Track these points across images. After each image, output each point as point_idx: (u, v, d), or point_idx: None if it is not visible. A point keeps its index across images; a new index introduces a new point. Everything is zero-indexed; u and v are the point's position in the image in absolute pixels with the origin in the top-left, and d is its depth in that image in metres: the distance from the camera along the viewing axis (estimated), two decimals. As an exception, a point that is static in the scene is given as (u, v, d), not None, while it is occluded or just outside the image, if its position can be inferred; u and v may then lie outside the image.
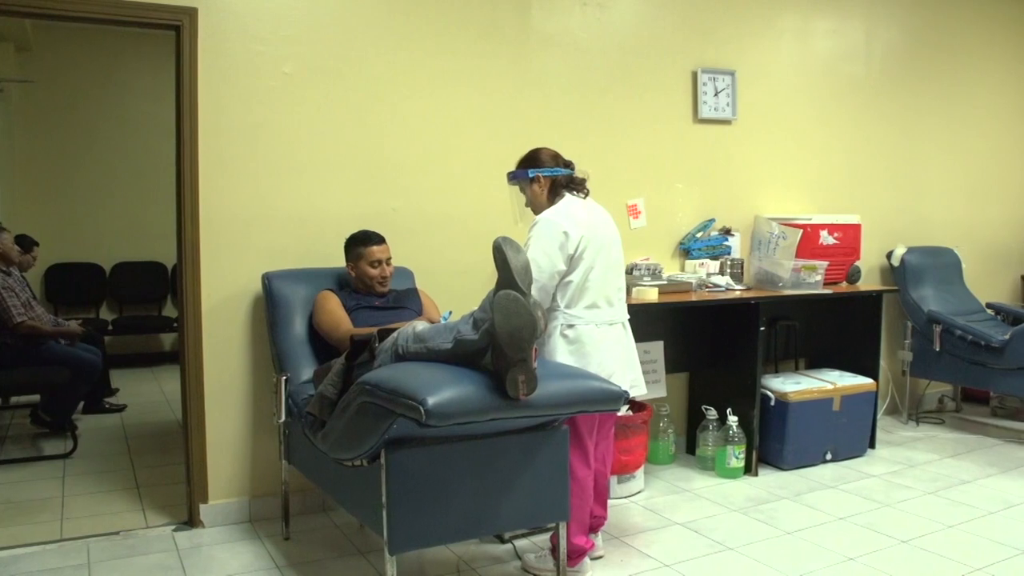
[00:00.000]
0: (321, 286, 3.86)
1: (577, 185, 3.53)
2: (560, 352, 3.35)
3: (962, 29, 6.48)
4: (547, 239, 3.31)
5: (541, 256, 3.28)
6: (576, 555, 3.40)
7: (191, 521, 3.99)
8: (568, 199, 3.46)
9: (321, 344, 3.74)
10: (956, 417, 6.22)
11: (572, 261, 3.34)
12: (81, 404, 6.04)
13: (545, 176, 3.48)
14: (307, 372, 3.67)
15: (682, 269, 5.13)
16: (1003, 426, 5.95)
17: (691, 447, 5.13)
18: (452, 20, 4.39)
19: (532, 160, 3.53)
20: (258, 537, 3.87)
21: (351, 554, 3.70)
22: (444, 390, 2.51)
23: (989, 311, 6.13)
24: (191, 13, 3.79)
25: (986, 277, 6.79)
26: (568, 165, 3.53)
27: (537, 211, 3.49)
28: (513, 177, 3.58)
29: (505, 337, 2.55)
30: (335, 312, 3.67)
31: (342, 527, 4.00)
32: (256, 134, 3.97)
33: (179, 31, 3.80)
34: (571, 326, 3.38)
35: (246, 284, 3.98)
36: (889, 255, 6.06)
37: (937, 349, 5.73)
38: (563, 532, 3.17)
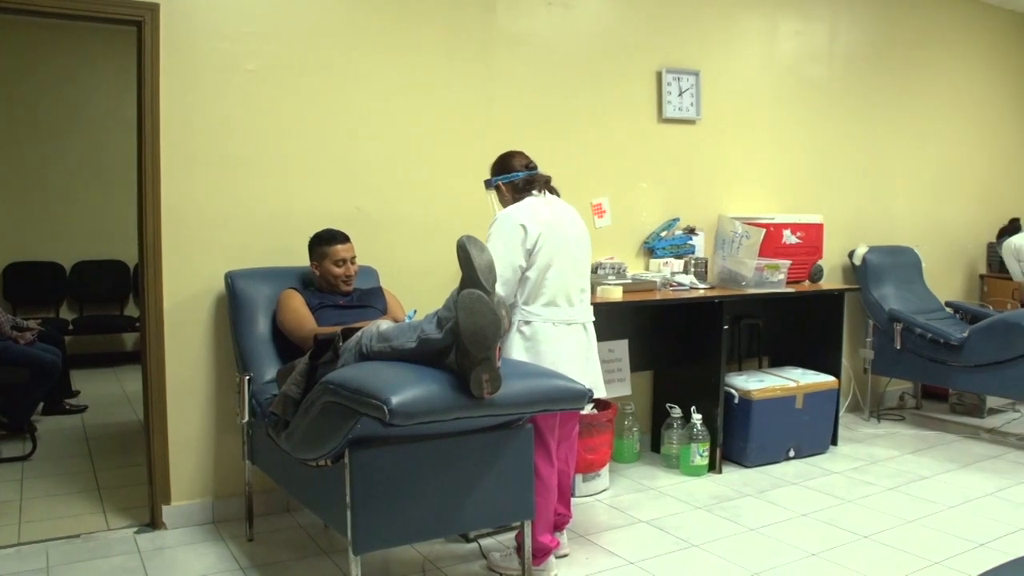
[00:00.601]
0: (285, 285, 3.83)
1: (539, 184, 3.54)
2: (515, 348, 3.36)
3: (923, 32, 6.57)
4: (505, 233, 3.34)
5: (501, 249, 3.30)
6: (541, 554, 3.40)
7: (153, 523, 3.95)
8: (531, 198, 3.49)
9: (285, 343, 3.71)
10: (916, 414, 6.31)
11: (530, 257, 3.35)
12: (41, 405, 5.95)
13: (505, 183, 3.56)
14: (270, 372, 3.65)
15: (646, 268, 5.16)
16: (961, 422, 6.05)
17: (656, 445, 5.15)
18: (417, 19, 4.38)
19: (500, 165, 3.62)
20: (221, 538, 3.83)
21: (315, 555, 3.68)
22: (408, 389, 2.50)
23: (948, 309, 6.22)
24: (152, 9, 3.75)
25: (945, 276, 6.89)
26: (529, 166, 3.57)
27: None
28: (487, 185, 3.66)
29: (469, 336, 2.55)
30: (299, 311, 3.65)
31: (306, 528, 3.98)
32: (219, 132, 3.94)
33: (140, 27, 3.75)
34: (528, 323, 3.38)
35: (209, 283, 3.94)
36: (851, 254, 6.13)
37: (898, 347, 5.80)
38: (528, 531, 3.17)
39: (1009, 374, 5.19)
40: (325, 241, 3.80)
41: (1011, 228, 6.60)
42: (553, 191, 3.58)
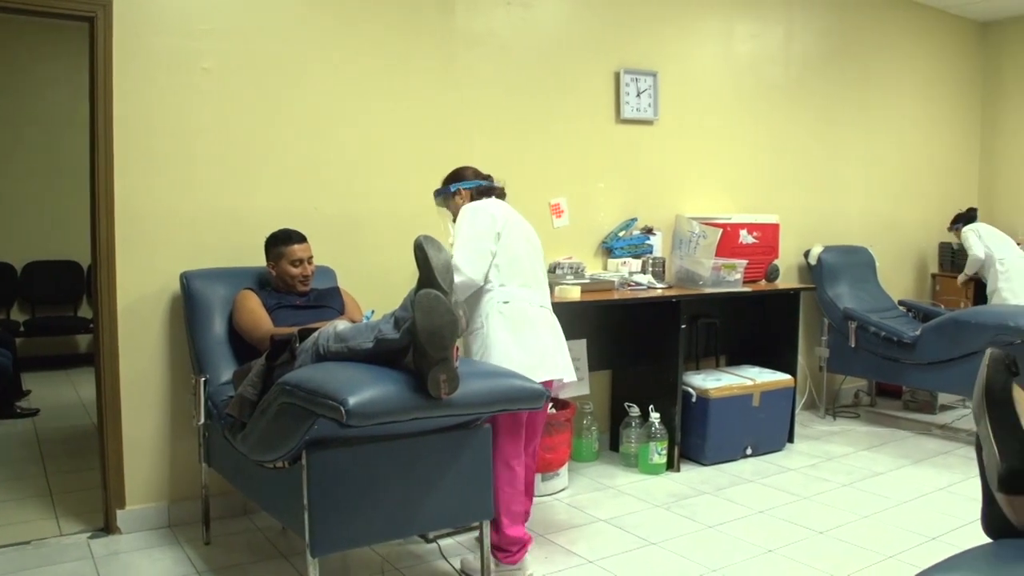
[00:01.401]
0: (241, 285, 3.80)
1: (497, 194, 3.64)
2: (496, 327, 3.37)
3: (877, 36, 6.67)
4: (475, 222, 3.40)
5: (472, 237, 3.36)
6: (516, 548, 3.39)
7: (107, 528, 3.89)
8: (488, 199, 3.56)
9: (241, 344, 3.68)
10: (871, 411, 6.40)
11: (499, 240, 3.41)
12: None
13: (466, 188, 3.60)
14: (227, 373, 3.61)
15: (604, 268, 5.18)
16: (914, 419, 6.15)
17: (614, 444, 5.17)
18: (375, 18, 4.36)
19: (455, 176, 3.67)
20: (178, 542, 3.79)
21: (273, 557, 3.65)
22: (365, 390, 2.49)
23: (901, 308, 6.32)
24: (105, 5, 3.69)
25: (898, 275, 7.00)
26: (487, 178, 3.66)
27: None
28: (438, 194, 3.70)
29: (426, 336, 2.54)
30: (255, 312, 3.62)
31: (264, 530, 3.94)
32: (174, 130, 3.89)
33: (92, 23, 3.70)
34: (506, 302, 3.41)
35: (164, 283, 3.90)
36: (806, 254, 6.20)
37: (852, 345, 5.88)
38: (487, 530, 3.16)
39: (959, 371, 5.27)
40: (282, 241, 3.78)
41: (967, 215, 6.68)
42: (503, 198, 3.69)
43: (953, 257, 7.18)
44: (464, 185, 3.61)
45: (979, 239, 6.38)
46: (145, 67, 3.81)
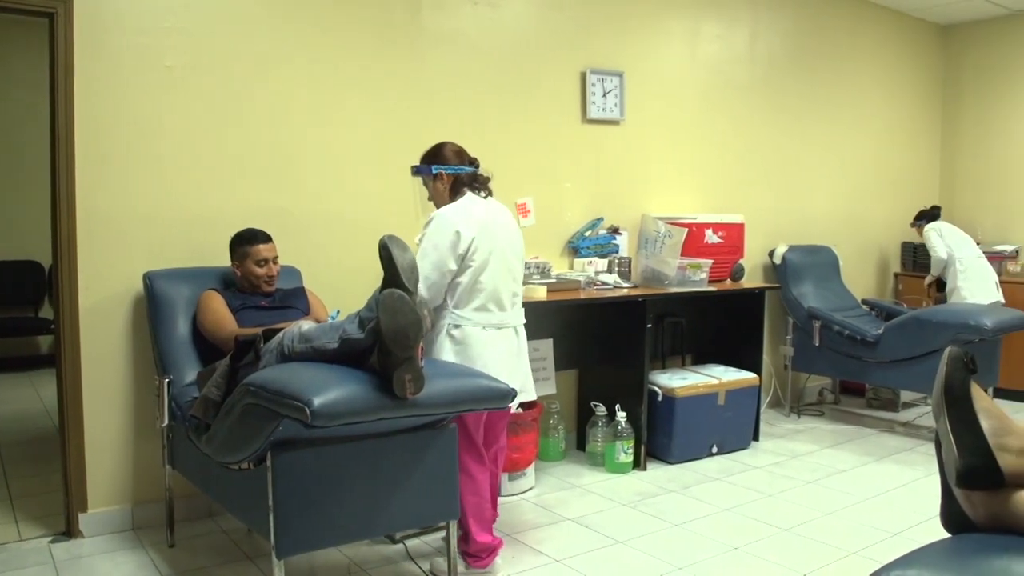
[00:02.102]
0: (205, 286, 3.77)
1: (480, 184, 3.50)
2: (445, 352, 3.34)
3: (840, 38, 6.74)
4: (440, 236, 3.29)
5: (433, 252, 3.27)
6: (486, 553, 3.40)
7: (69, 532, 3.84)
8: (469, 198, 3.43)
9: (205, 345, 3.65)
10: (835, 409, 6.47)
11: (463, 261, 3.32)
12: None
13: (448, 173, 3.46)
14: (191, 374, 3.58)
15: (571, 267, 5.18)
16: (877, 416, 6.22)
17: (581, 443, 5.19)
18: (341, 16, 4.34)
19: (435, 155, 3.50)
20: (141, 546, 3.75)
21: (239, 560, 3.62)
22: (330, 390, 2.48)
23: (864, 307, 6.39)
24: (65, 0, 3.65)
25: (862, 274, 7.08)
26: (473, 163, 3.52)
27: (439, 206, 3.47)
28: (416, 171, 3.54)
29: (391, 336, 2.53)
30: (219, 312, 3.59)
31: (229, 532, 3.91)
32: (137, 129, 3.84)
33: (52, 19, 3.64)
34: (458, 326, 3.37)
35: (127, 284, 3.85)
36: (771, 253, 6.25)
37: (817, 344, 5.93)
38: (453, 530, 3.16)
39: (921, 369, 5.34)
40: (246, 241, 3.75)
41: (931, 213, 6.73)
42: (490, 192, 3.54)
43: (915, 256, 7.27)
44: (446, 169, 3.46)
45: (941, 239, 6.45)
46: (107, 64, 3.76)
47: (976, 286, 6.28)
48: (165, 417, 3.55)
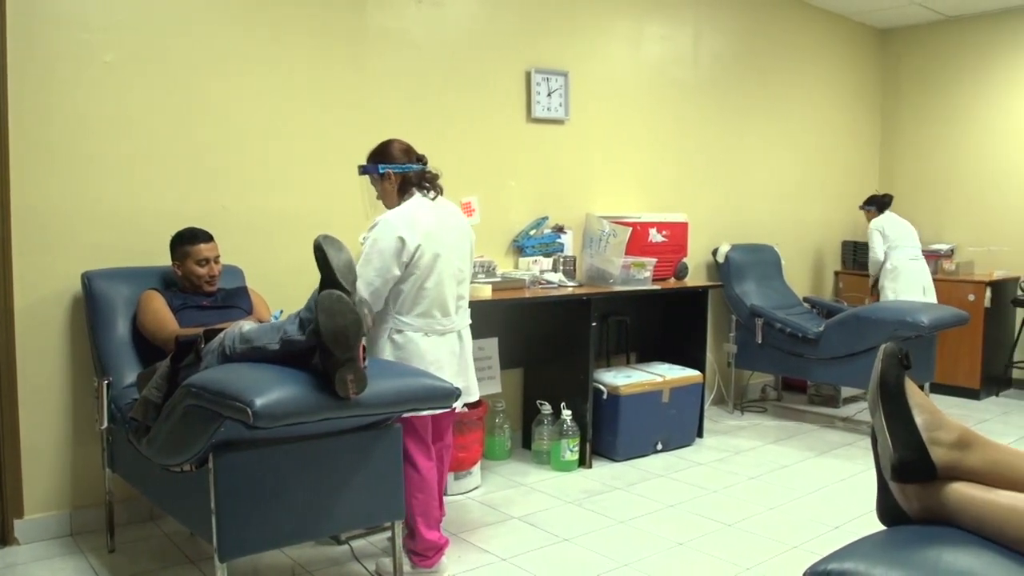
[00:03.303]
0: (145, 285, 3.70)
1: (429, 182, 3.46)
2: (386, 357, 3.33)
3: (782, 41, 6.84)
4: (384, 242, 3.26)
5: (377, 259, 3.24)
6: (433, 552, 3.39)
7: (4, 539, 3.74)
8: (415, 200, 3.39)
9: (145, 346, 3.59)
10: (777, 405, 6.56)
11: (407, 268, 3.29)
12: None
13: (395, 172, 3.42)
14: (131, 375, 3.51)
15: (516, 266, 5.19)
16: (819, 412, 6.32)
17: (527, 442, 5.20)
18: (284, 13, 4.29)
19: (382, 154, 3.44)
20: (80, 551, 3.67)
21: (181, 563, 3.56)
22: (272, 391, 2.45)
23: (806, 305, 6.49)
24: (-2, -4, 3.57)
25: (803, 273, 7.19)
26: (420, 160, 3.47)
27: (388, 206, 3.44)
28: (363, 170, 3.49)
29: (330, 336, 2.52)
30: (160, 312, 3.53)
31: (171, 536, 3.85)
32: (74, 126, 3.76)
33: (-15, 15, 3.56)
34: (399, 331, 3.35)
35: (64, 284, 3.77)
36: (714, 252, 6.32)
37: (759, 341, 6.01)
38: (398, 530, 3.15)
39: (861, 365, 5.44)
40: (187, 240, 3.69)
41: (882, 200, 6.80)
42: (440, 189, 3.50)
43: (855, 255, 7.41)
44: (393, 168, 3.41)
45: (882, 240, 6.56)
46: (42, 59, 3.68)
47: (901, 287, 6.43)
48: (104, 419, 3.48)
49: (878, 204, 6.79)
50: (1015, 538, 1.39)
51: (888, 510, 1.64)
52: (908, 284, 6.44)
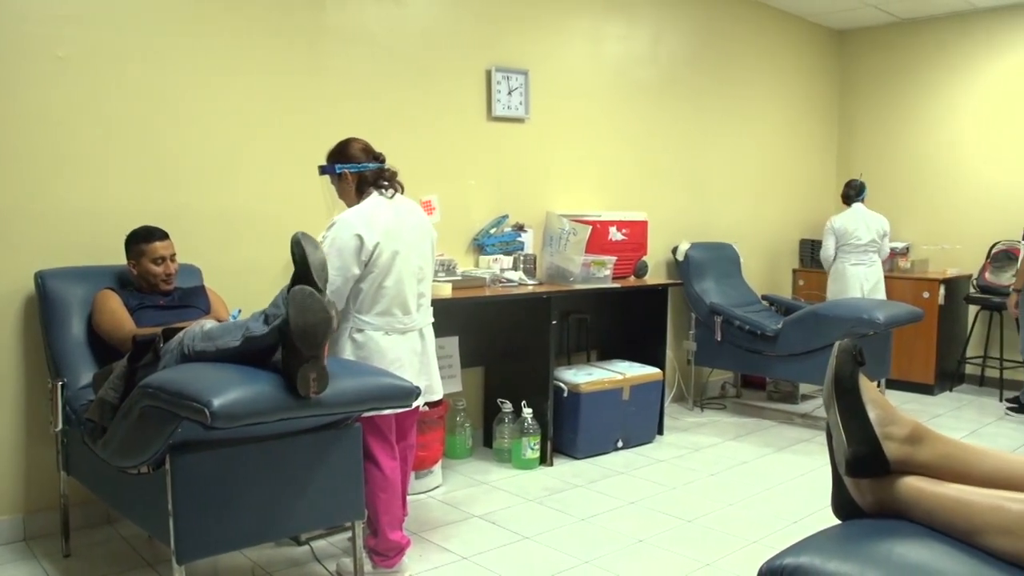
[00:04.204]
0: (100, 285, 3.65)
1: (388, 180, 3.44)
2: (346, 356, 3.31)
3: (742, 41, 6.90)
4: (342, 240, 3.24)
5: (336, 258, 3.22)
6: (395, 552, 3.38)
7: (-44, 542, 3.69)
8: (373, 199, 3.37)
9: (101, 346, 3.54)
10: (737, 402, 6.62)
11: (366, 267, 3.29)
12: None
13: (352, 172, 3.41)
14: (86, 376, 3.47)
15: (476, 265, 5.18)
16: (777, 409, 6.39)
17: (488, 440, 5.20)
18: (243, 9, 4.25)
19: (340, 153, 3.44)
20: (34, 556, 3.62)
21: (139, 567, 3.52)
22: (231, 390, 2.43)
23: (764, 303, 6.55)
24: (-53, -11, 3.50)
25: (762, 271, 7.26)
26: (378, 158, 3.45)
27: (348, 205, 3.43)
28: (322, 171, 3.49)
29: (299, 333, 2.50)
30: (116, 312, 3.49)
31: (128, 539, 3.81)
32: (27, 122, 3.69)
33: (-67, 9, 3.50)
34: (360, 331, 3.34)
35: (17, 283, 3.71)
36: (674, 250, 6.36)
37: (718, 339, 6.06)
38: (358, 530, 3.14)
39: (819, 362, 5.50)
40: (142, 238, 3.65)
41: (848, 190, 6.77)
42: (399, 186, 3.48)
43: (812, 253, 7.49)
44: (350, 168, 3.40)
45: (834, 239, 6.61)
46: (-9, 54, 3.62)
47: (838, 288, 6.53)
48: (59, 421, 3.43)
49: (844, 194, 6.78)
50: (963, 529, 1.42)
51: (843, 504, 1.66)
52: (845, 287, 6.54)
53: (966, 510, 1.43)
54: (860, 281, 6.55)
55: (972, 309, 7.17)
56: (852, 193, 6.73)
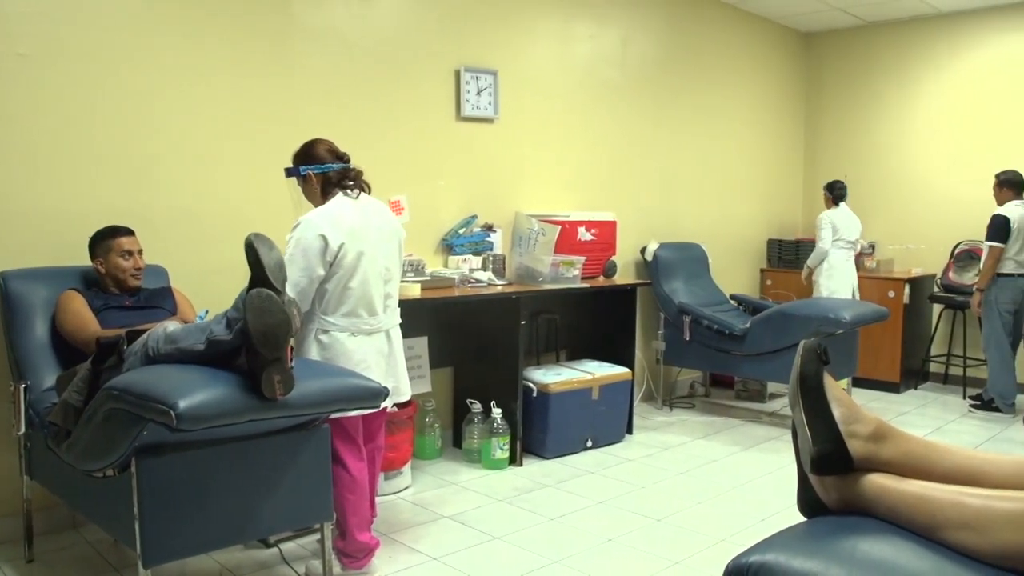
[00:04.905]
0: (64, 286, 3.60)
1: (353, 179, 3.43)
2: (312, 358, 3.30)
3: (709, 42, 6.94)
4: (307, 241, 3.23)
5: (301, 258, 3.21)
6: (363, 554, 3.37)
7: (-85, 549, 3.63)
8: (338, 200, 3.36)
9: (65, 348, 3.49)
10: (705, 401, 6.66)
11: (331, 267, 3.27)
12: None
13: (316, 173, 3.40)
14: (49, 379, 3.41)
15: (445, 265, 5.17)
16: (746, 407, 6.43)
17: (457, 440, 5.19)
18: (207, 7, 4.21)
19: (304, 155, 3.44)
20: (-4, 561, 3.58)
21: (104, 572, 3.49)
22: (196, 392, 2.42)
23: (732, 302, 6.59)
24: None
25: (730, 271, 7.30)
26: (343, 159, 3.44)
27: (314, 206, 3.41)
28: (287, 173, 3.48)
29: (259, 336, 2.49)
30: (80, 313, 3.44)
31: (94, 544, 3.76)
32: (-13, 122, 3.66)
33: None
34: (326, 332, 3.32)
35: (-22, 286, 3.66)
36: (643, 250, 6.38)
37: (687, 338, 6.09)
38: (327, 532, 3.13)
39: (786, 361, 5.52)
40: (108, 235, 3.60)
41: (839, 189, 6.80)
42: (366, 186, 3.47)
43: (780, 253, 7.56)
44: (313, 169, 3.39)
45: (831, 232, 6.63)
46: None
47: (835, 286, 6.58)
48: (22, 425, 3.38)
49: (835, 194, 6.79)
50: (925, 525, 1.44)
51: (808, 502, 1.68)
52: (841, 284, 6.60)
53: (927, 506, 1.44)
54: (850, 279, 6.63)
55: (936, 308, 7.27)
56: (842, 193, 6.80)
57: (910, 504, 1.47)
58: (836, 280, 6.61)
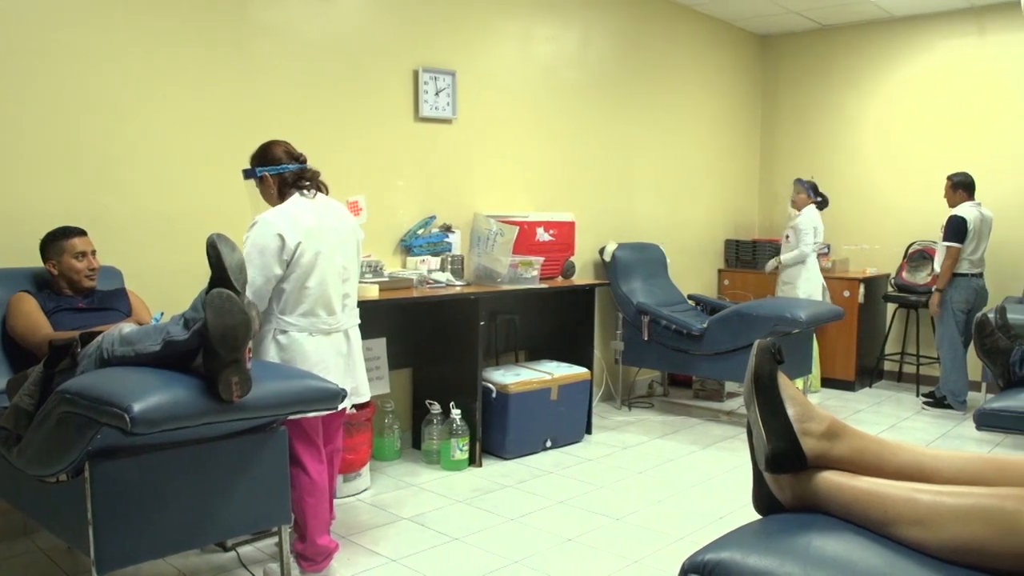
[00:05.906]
0: (16, 287, 3.53)
1: (309, 180, 3.42)
2: (270, 358, 3.29)
3: (668, 44, 6.99)
4: (263, 240, 3.22)
5: (258, 258, 3.20)
6: (322, 557, 3.35)
7: None
8: (294, 200, 3.35)
9: (16, 351, 3.43)
10: (664, 401, 6.70)
11: (288, 267, 3.26)
12: None
13: (272, 174, 3.39)
14: (0, 382, 3.36)
15: (403, 266, 5.16)
16: (704, 407, 6.48)
17: (416, 442, 5.18)
18: (165, 6, 4.15)
19: (261, 156, 3.44)
20: (-55, 568, 3.52)
21: (56, 577, 3.45)
22: (151, 395, 2.39)
23: (690, 302, 6.64)
24: None
25: (688, 271, 7.35)
26: (299, 159, 3.44)
27: (272, 206, 3.40)
28: (245, 175, 3.48)
29: (218, 337, 2.46)
30: (32, 315, 3.39)
31: (47, 550, 3.70)
32: (-64, 122, 3.59)
33: None
34: (284, 332, 3.31)
35: (-74, 288, 3.59)
36: (601, 251, 6.41)
37: (646, 338, 6.12)
38: (285, 535, 3.11)
39: (743, 360, 5.48)
40: (60, 236, 3.54)
41: (823, 195, 6.83)
42: (323, 187, 3.47)
43: (738, 253, 7.63)
44: (269, 170, 3.39)
45: (814, 235, 6.68)
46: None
47: (812, 288, 6.65)
48: (-29, 429, 3.33)
49: (820, 198, 6.80)
50: (878, 521, 1.46)
51: (763, 500, 1.70)
52: (816, 285, 6.67)
53: (880, 502, 1.47)
54: (821, 280, 6.72)
55: (890, 307, 7.38)
56: (825, 199, 6.83)
57: (863, 501, 1.49)
58: (813, 283, 6.68)
